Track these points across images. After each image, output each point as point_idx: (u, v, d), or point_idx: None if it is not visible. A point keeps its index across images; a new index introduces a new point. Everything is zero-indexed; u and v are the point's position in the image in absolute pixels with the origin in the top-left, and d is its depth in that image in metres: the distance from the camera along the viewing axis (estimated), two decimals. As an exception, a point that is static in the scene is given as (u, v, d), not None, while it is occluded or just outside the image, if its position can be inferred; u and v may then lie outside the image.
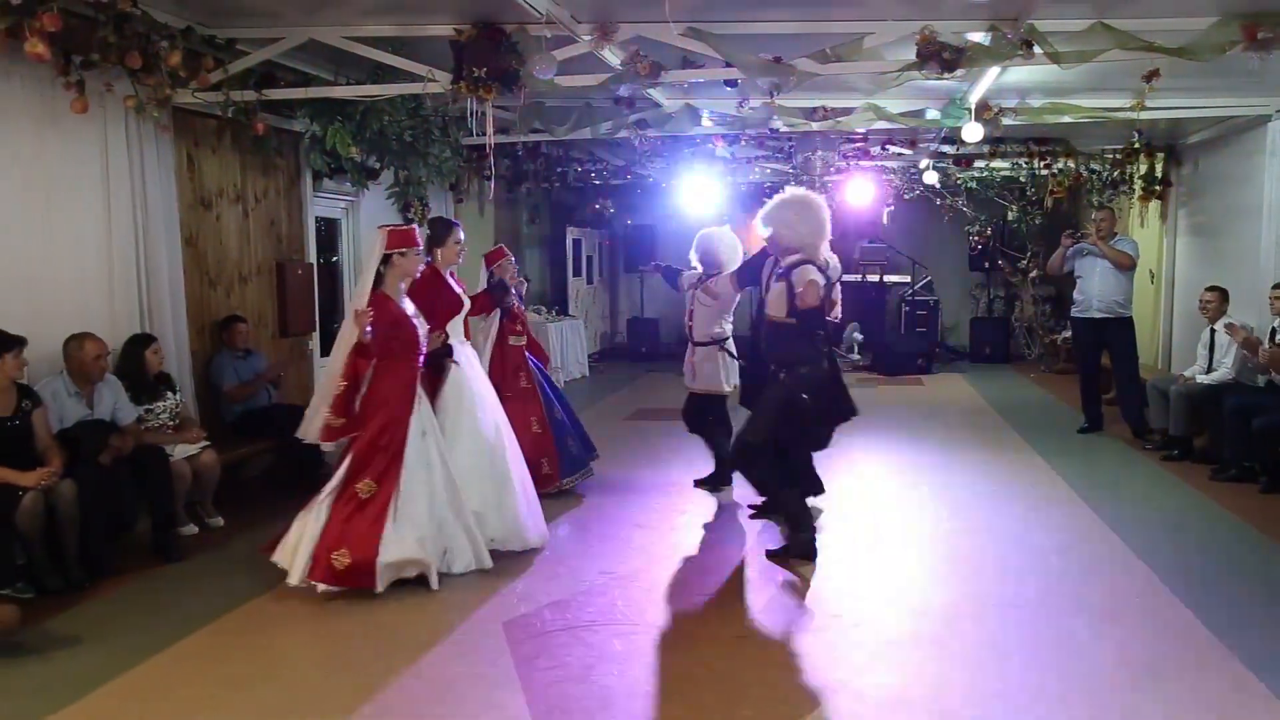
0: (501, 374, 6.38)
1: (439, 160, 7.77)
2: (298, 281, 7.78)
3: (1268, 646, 4.03)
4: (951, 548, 5.53)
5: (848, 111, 7.88)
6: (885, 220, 14.06)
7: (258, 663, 4.02)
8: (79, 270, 5.60)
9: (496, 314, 6.53)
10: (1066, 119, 7.91)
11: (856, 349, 14.10)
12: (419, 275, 5.22)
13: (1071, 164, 11.07)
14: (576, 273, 14.89)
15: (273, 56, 6.04)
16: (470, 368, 5.59)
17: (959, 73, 5.46)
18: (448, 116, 7.58)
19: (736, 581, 5.04)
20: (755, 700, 3.66)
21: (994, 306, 15.01)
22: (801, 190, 5.33)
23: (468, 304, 5.75)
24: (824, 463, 6.08)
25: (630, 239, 15.54)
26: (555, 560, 5.24)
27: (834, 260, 5.52)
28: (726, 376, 6.52)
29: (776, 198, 5.30)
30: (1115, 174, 11.17)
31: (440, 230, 5.69)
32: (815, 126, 8.14)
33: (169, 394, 5.81)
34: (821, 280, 5.02)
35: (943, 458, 7.78)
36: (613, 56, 5.86)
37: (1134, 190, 10.95)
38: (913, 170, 12.57)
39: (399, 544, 4.67)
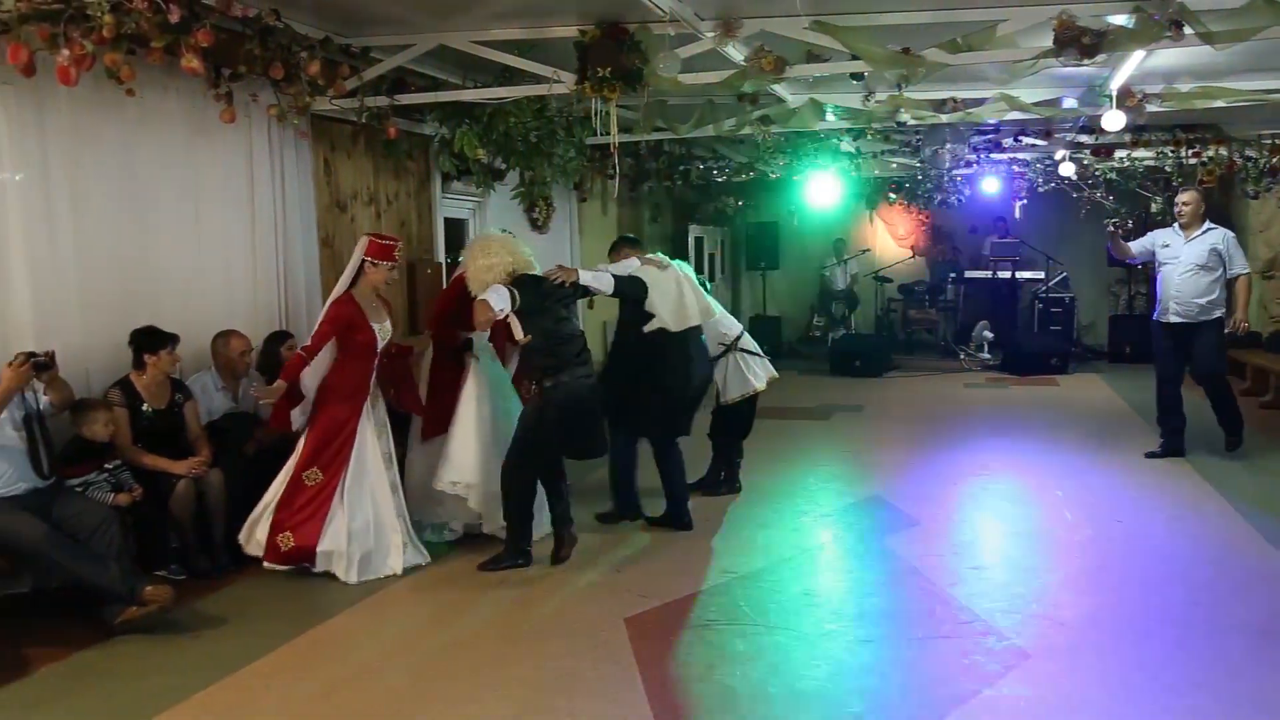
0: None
1: (563, 160, 7.88)
2: (427, 280, 8.01)
3: None
4: (1089, 556, 5.28)
5: (979, 102, 7.61)
6: (1017, 215, 13.55)
7: (389, 648, 4.16)
8: (225, 271, 5.91)
9: None
10: (1219, 103, 7.43)
11: (987, 348, 13.64)
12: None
13: (1223, 151, 10.40)
14: (699, 270, 14.85)
15: (404, 63, 6.24)
16: (494, 364, 5.70)
17: (1099, 58, 5.19)
18: (572, 117, 7.68)
19: (862, 583, 4.94)
20: (882, 707, 3.57)
21: (1135, 303, 14.25)
22: (473, 237, 5.35)
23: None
24: (953, 464, 5.91)
25: (753, 236, 15.43)
26: (676, 558, 5.24)
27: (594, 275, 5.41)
28: (753, 374, 6.30)
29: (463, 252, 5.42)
30: (1274, 160, 10.44)
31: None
32: (944, 119, 7.89)
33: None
34: (497, 303, 4.86)
35: (1079, 462, 7.43)
36: (736, 53, 5.82)
37: (1294, 179, 10.24)
38: (1047, 162, 12.06)
39: (334, 535, 4.91)
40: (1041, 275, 13.94)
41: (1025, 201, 13.28)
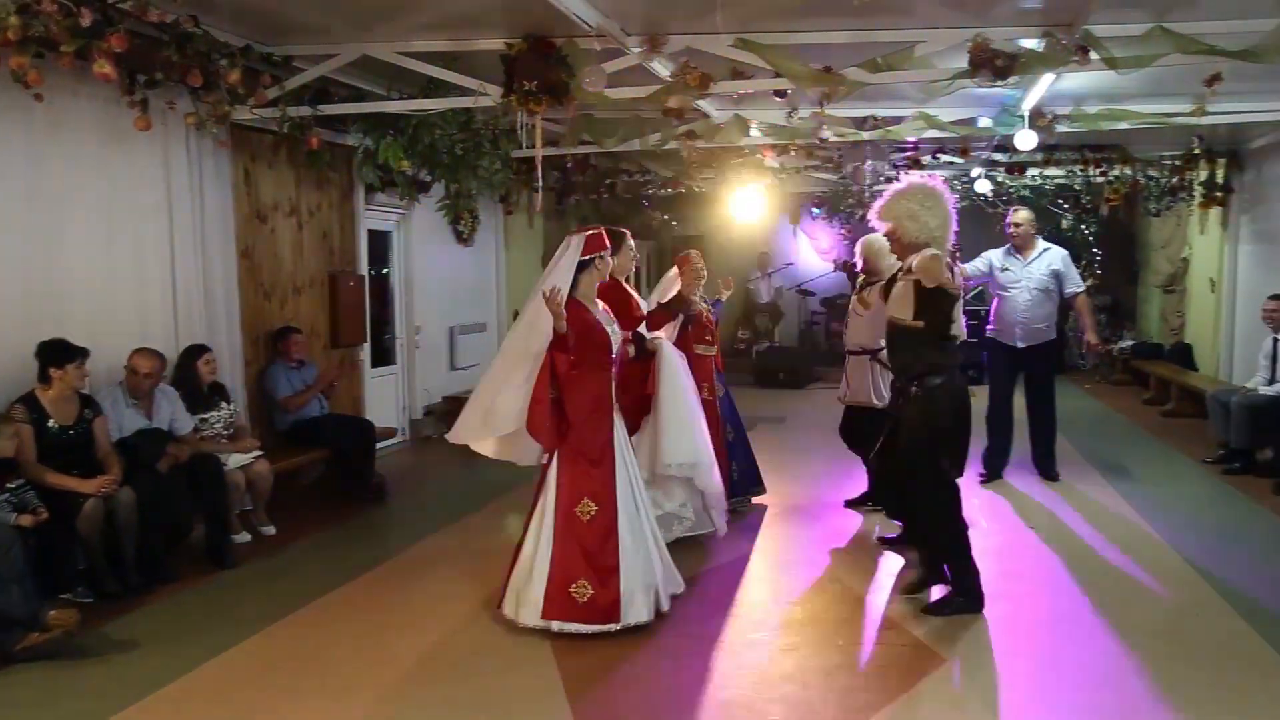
0: None
1: (489, 173, 7.84)
2: (349, 293, 7.89)
3: (1337, 668, 3.90)
4: (1004, 562, 5.41)
5: (898, 120, 7.81)
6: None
7: (309, 671, 4.06)
8: (140, 283, 5.75)
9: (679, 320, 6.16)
10: (1123, 125, 7.75)
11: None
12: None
13: (1128, 170, 10.85)
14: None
15: (327, 73, 6.15)
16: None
17: (1012, 80, 5.39)
18: (498, 129, 7.65)
19: (784, 593, 4.99)
20: (804, 715, 3.61)
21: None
22: (920, 178, 4.70)
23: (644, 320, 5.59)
24: (852, 477, 6.03)
25: (680, 249, 15.50)
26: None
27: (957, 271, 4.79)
28: (877, 390, 6.12)
29: (894, 187, 4.61)
30: (1174, 180, 10.93)
31: (614, 240, 5.64)
32: (865, 136, 8.09)
33: (223, 404, 5.91)
34: (946, 258, 4.38)
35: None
36: (662, 68, 5.87)
37: (1194, 197, 10.71)
38: (964, 179, 12.42)
39: (629, 571, 4.29)
40: (958, 289, 14.28)
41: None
